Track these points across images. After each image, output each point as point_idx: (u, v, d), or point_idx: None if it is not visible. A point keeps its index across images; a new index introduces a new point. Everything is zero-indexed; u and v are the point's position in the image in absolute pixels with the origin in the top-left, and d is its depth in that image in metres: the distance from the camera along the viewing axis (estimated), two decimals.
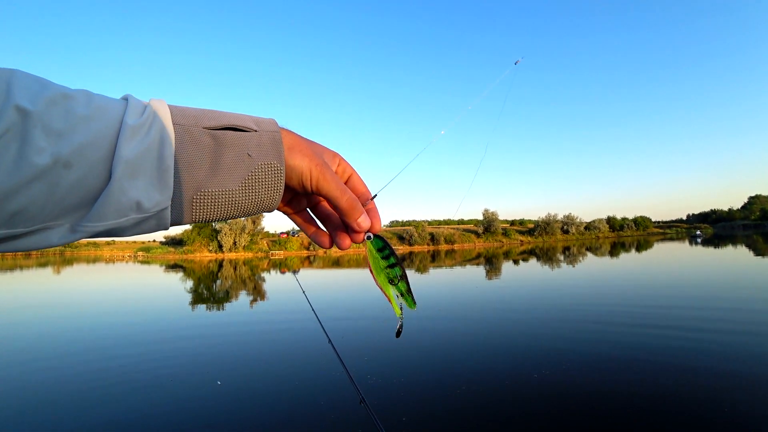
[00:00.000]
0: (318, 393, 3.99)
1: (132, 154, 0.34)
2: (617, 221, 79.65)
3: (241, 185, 0.41)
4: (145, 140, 0.35)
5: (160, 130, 0.37)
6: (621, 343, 5.23)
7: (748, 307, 7.06)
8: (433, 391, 3.98)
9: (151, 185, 0.36)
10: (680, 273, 13.20)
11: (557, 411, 3.46)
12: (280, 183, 0.43)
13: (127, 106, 0.37)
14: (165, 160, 0.36)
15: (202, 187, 0.39)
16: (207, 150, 0.39)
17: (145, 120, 0.36)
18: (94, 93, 0.37)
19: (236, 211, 0.42)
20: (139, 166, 0.35)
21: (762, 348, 4.76)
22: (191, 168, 0.38)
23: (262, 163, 0.41)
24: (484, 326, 6.62)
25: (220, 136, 0.40)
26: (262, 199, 0.43)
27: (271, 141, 0.43)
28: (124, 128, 0.35)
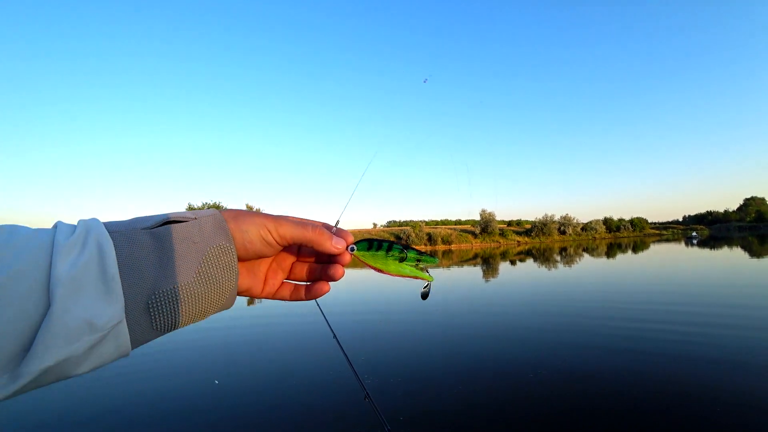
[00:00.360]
0: (322, 388, 4.01)
1: (71, 270, 0.32)
2: (614, 222, 79.82)
3: (196, 274, 0.39)
4: (82, 253, 0.33)
5: (96, 240, 0.35)
6: (618, 342, 5.27)
7: (742, 306, 7.11)
8: (437, 387, 4.01)
9: (98, 299, 0.33)
10: (675, 273, 13.27)
11: (555, 408, 3.48)
12: (233, 262, 0.42)
13: (57, 229, 0.35)
14: (108, 268, 0.34)
15: (156, 288, 0.37)
16: (151, 249, 0.38)
17: (78, 236, 0.34)
18: (17, 225, 0.34)
19: (197, 305, 0.40)
20: (81, 281, 0.32)
21: (754, 343, 4.80)
22: (139, 271, 0.36)
23: (211, 246, 0.40)
24: (484, 325, 6.65)
25: (161, 232, 0.39)
26: (221, 283, 0.41)
27: (213, 223, 0.42)
28: (56, 247, 0.33)
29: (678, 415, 3.23)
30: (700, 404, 3.39)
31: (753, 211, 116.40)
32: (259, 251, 0.44)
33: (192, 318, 0.40)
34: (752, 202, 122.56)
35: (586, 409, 3.44)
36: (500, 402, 3.65)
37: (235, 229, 0.43)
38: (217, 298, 0.41)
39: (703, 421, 3.15)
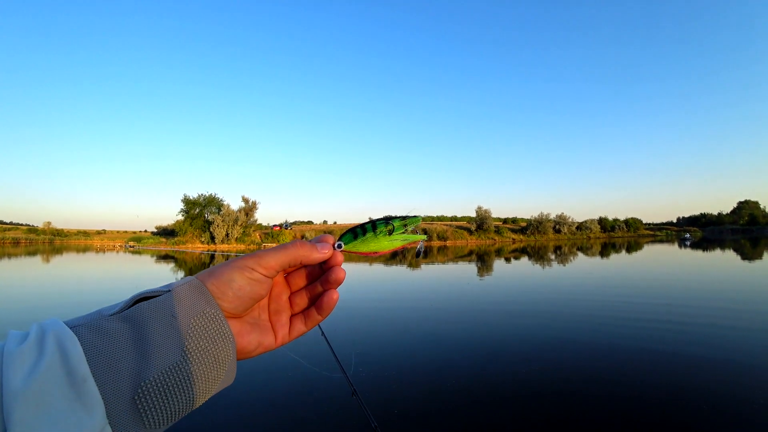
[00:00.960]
0: (309, 385, 4.01)
1: (28, 381, 0.26)
2: (609, 222, 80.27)
3: (183, 352, 0.34)
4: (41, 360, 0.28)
5: (56, 339, 0.29)
6: (608, 338, 5.31)
7: (731, 307, 7.17)
8: (425, 384, 4.01)
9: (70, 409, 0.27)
10: (667, 273, 13.37)
11: (546, 403, 3.50)
12: (224, 328, 0.38)
13: (6, 338, 0.30)
14: (76, 369, 0.28)
15: (140, 379, 0.31)
16: (125, 335, 0.32)
17: (32, 339, 0.29)
18: None
19: (193, 387, 0.34)
20: (44, 392, 0.27)
21: (744, 342, 4.84)
22: (114, 364, 0.30)
23: (193, 318, 0.36)
24: (475, 321, 6.67)
25: (132, 313, 0.34)
26: (214, 356, 0.36)
27: (190, 290, 0.38)
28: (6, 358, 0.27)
29: (673, 411, 3.26)
30: (694, 398, 3.42)
31: (746, 215, 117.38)
32: (252, 295, 0.41)
33: (190, 403, 0.35)
34: (746, 205, 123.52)
35: (577, 403, 3.46)
36: (490, 397, 3.66)
37: (219, 285, 0.39)
38: (215, 374, 0.37)
39: (697, 415, 3.18)
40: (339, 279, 0.46)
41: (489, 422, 3.25)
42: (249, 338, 0.43)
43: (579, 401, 3.55)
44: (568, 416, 3.31)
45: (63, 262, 24.31)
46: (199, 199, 51.32)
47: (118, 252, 38.32)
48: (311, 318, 0.48)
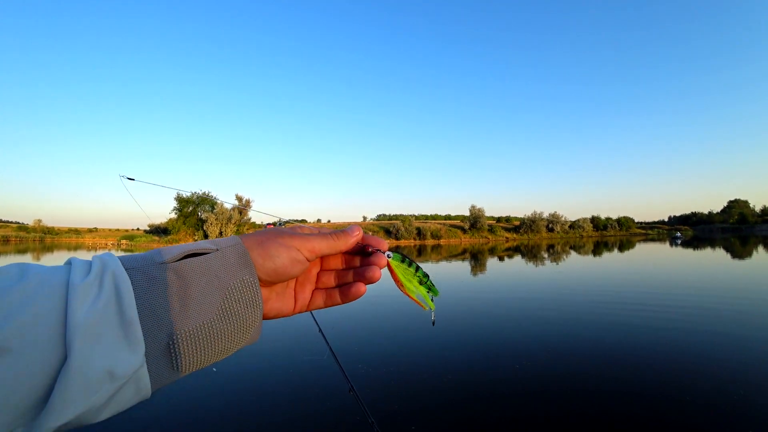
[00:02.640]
0: (307, 381, 4.01)
1: (88, 316, 0.29)
2: (601, 221, 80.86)
3: (218, 312, 0.37)
4: (99, 297, 0.31)
5: (113, 280, 0.32)
6: (604, 334, 5.36)
7: (721, 303, 7.27)
8: (423, 380, 4.03)
9: (118, 346, 0.30)
10: (658, 271, 13.50)
11: (542, 398, 3.53)
12: (257, 298, 0.40)
13: (71, 268, 0.33)
14: (127, 312, 0.31)
15: (176, 329, 0.34)
16: (171, 286, 0.35)
17: (94, 275, 0.32)
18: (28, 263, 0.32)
19: (221, 344, 0.38)
20: (100, 328, 0.30)
21: (737, 338, 4.91)
22: (159, 312, 0.34)
23: (234, 281, 0.38)
24: (470, 318, 6.70)
25: (181, 267, 0.36)
26: (244, 320, 0.39)
27: (236, 254, 0.40)
28: (72, 290, 0.30)
29: (669, 408, 3.30)
30: (691, 394, 3.46)
31: (736, 214, 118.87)
32: (290, 274, 0.43)
33: (215, 357, 0.38)
34: (736, 204, 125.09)
35: (575, 399, 3.48)
36: (487, 393, 3.68)
37: (263, 257, 0.41)
38: (241, 335, 0.39)
39: (694, 412, 3.22)
40: (374, 278, 0.49)
41: (486, 418, 3.27)
42: (271, 305, 0.45)
43: (577, 397, 3.58)
44: (566, 412, 3.34)
45: (54, 261, 23.98)
46: (192, 198, 50.98)
47: (110, 250, 37.98)
48: (332, 298, 0.49)
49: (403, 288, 0.52)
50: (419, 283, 0.54)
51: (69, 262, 0.34)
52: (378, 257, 0.49)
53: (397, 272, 0.52)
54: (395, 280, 0.53)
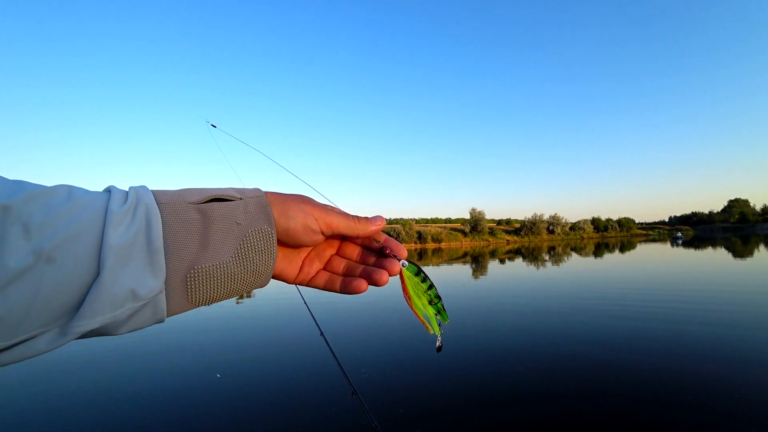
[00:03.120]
0: (309, 385, 4.00)
1: (121, 240, 0.33)
2: (602, 222, 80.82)
3: (234, 255, 0.40)
4: (132, 225, 0.34)
5: (145, 212, 0.36)
6: (604, 335, 5.35)
7: (726, 303, 7.25)
8: (426, 383, 4.02)
9: (143, 270, 0.34)
10: (661, 272, 13.48)
11: (546, 401, 3.51)
12: (272, 247, 0.42)
13: (110, 195, 0.36)
14: (154, 242, 0.35)
15: (195, 264, 0.38)
16: (195, 225, 0.38)
17: (129, 205, 0.35)
18: (75, 186, 0.35)
19: (232, 284, 0.40)
20: (129, 252, 0.33)
21: (740, 339, 4.90)
22: (181, 246, 0.37)
23: (252, 229, 0.41)
24: (473, 321, 6.68)
25: (206, 209, 0.39)
26: (257, 266, 0.41)
27: (257, 206, 0.42)
28: (109, 216, 0.33)
29: (667, 408, 3.28)
30: (691, 395, 3.44)
31: (737, 213, 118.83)
32: (301, 240, 0.45)
33: (226, 295, 0.41)
34: (736, 203, 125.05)
35: (576, 402, 3.46)
36: (491, 397, 3.66)
37: (280, 214, 0.43)
38: (253, 279, 0.42)
39: (697, 412, 3.20)
40: (380, 281, 0.48)
41: (491, 422, 3.25)
42: (277, 264, 0.46)
43: (581, 399, 3.56)
44: (571, 415, 3.33)
45: None
46: None
47: None
48: (332, 284, 0.50)
49: (411, 302, 0.51)
50: (429, 302, 0.52)
51: (108, 190, 0.37)
52: (391, 262, 0.49)
53: (408, 284, 0.51)
54: (404, 292, 0.52)
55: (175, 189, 0.41)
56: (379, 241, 0.50)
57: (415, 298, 0.51)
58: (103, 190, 0.38)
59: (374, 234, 0.49)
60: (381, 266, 0.49)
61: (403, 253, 0.50)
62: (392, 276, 0.49)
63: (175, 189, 0.41)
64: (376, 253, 0.51)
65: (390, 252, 0.50)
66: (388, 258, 0.50)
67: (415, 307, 0.51)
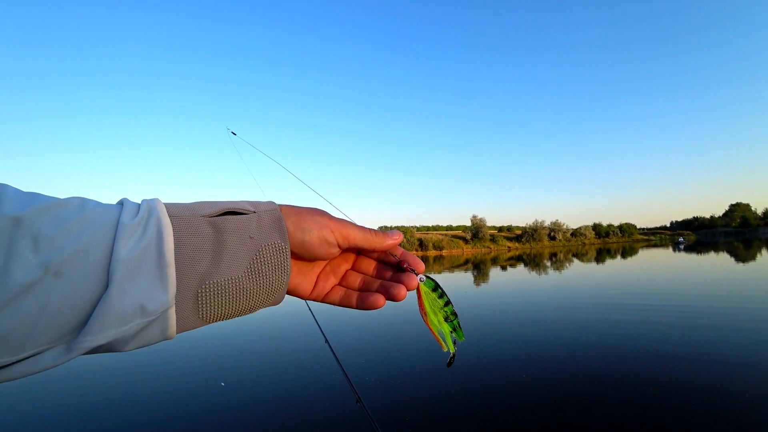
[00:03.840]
0: (314, 393, 3.97)
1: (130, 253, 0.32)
2: (603, 228, 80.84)
3: (247, 270, 0.39)
4: (143, 238, 0.33)
5: (157, 224, 0.35)
6: (609, 341, 5.31)
7: (732, 308, 7.22)
8: (430, 391, 3.98)
9: (153, 284, 0.33)
10: (664, 277, 13.44)
11: (550, 408, 3.49)
12: (285, 262, 0.41)
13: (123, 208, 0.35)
14: (165, 255, 0.34)
15: (207, 278, 0.37)
16: (207, 238, 0.37)
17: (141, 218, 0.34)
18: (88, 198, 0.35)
19: (245, 300, 0.39)
20: (139, 266, 0.33)
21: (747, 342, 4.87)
22: (193, 260, 0.36)
23: (265, 244, 0.40)
24: (477, 328, 6.65)
25: (220, 222, 0.38)
26: (271, 282, 0.40)
27: (271, 220, 0.41)
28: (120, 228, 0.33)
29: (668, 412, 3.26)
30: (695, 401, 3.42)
31: (738, 217, 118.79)
32: (317, 253, 0.44)
33: (238, 312, 0.40)
34: (737, 208, 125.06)
35: (580, 409, 3.44)
36: (497, 405, 3.63)
37: (295, 227, 0.42)
38: (266, 296, 0.41)
39: (699, 418, 3.18)
40: (399, 296, 0.47)
41: (497, 430, 3.24)
42: (291, 278, 0.46)
43: (586, 407, 3.53)
44: (577, 422, 3.30)
45: None
46: None
47: None
48: (348, 299, 0.49)
49: (426, 318, 0.51)
50: (444, 319, 0.52)
51: (121, 203, 0.36)
52: (409, 277, 0.48)
53: (424, 300, 0.51)
54: (420, 307, 0.51)
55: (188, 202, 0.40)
56: (395, 255, 0.49)
57: (431, 314, 0.51)
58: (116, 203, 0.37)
59: (391, 248, 0.49)
60: (398, 281, 0.48)
61: (420, 267, 0.50)
62: (410, 290, 0.49)
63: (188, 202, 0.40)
64: (392, 268, 0.50)
65: (408, 266, 0.49)
66: (405, 272, 0.49)
67: (430, 323, 0.51)
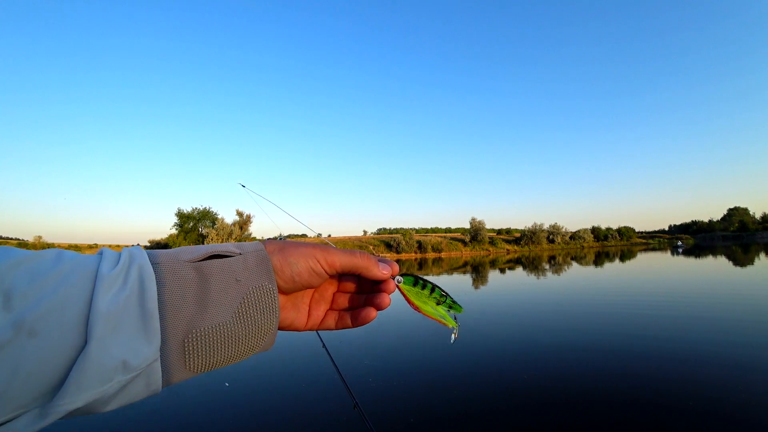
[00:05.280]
0: (312, 397, 3.99)
1: (111, 306, 0.30)
2: (602, 231, 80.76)
3: (234, 315, 0.38)
4: (124, 288, 0.32)
5: (138, 273, 0.33)
6: (606, 343, 5.35)
7: (725, 310, 7.25)
8: (427, 395, 4.02)
9: (135, 337, 0.31)
10: (663, 281, 13.47)
11: (548, 411, 3.51)
12: (274, 304, 0.40)
13: (102, 258, 0.34)
14: (148, 304, 0.32)
15: (193, 326, 0.35)
16: (192, 284, 0.36)
17: (121, 267, 0.33)
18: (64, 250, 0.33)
19: (234, 347, 0.38)
20: (121, 318, 0.31)
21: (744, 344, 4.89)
22: (177, 308, 0.34)
23: (252, 286, 0.39)
24: (476, 331, 6.67)
25: (204, 266, 0.37)
26: (260, 326, 0.39)
27: (257, 261, 0.40)
28: (99, 279, 0.31)
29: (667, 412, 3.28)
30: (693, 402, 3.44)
31: (736, 221, 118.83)
32: (307, 282, 0.44)
33: (228, 359, 0.38)
34: (736, 212, 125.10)
35: (577, 410, 3.47)
36: (495, 408, 3.66)
37: (282, 263, 0.42)
38: (256, 341, 0.40)
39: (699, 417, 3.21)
40: (383, 305, 0.49)
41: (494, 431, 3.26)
42: (285, 314, 0.46)
43: (583, 408, 3.57)
44: (575, 421, 3.33)
45: None
46: (193, 213, 51.12)
47: None
48: (343, 321, 0.50)
49: (420, 310, 0.52)
50: (437, 304, 0.53)
51: (101, 253, 0.35)
52: (386, 284, 0.49)
53: (410, 296, 0.52)
54: (410, 304, 0.52)
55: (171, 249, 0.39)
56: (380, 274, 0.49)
57: (423, 306, 0.52)
58: (96, 254, 0.35)
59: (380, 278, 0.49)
60: (378, 290, 0.49)
61: (395, 270, 0.51)
62: (391, 293, 0.50)
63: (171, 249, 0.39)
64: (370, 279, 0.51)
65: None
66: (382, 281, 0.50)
67: (425, 312, 0.52)
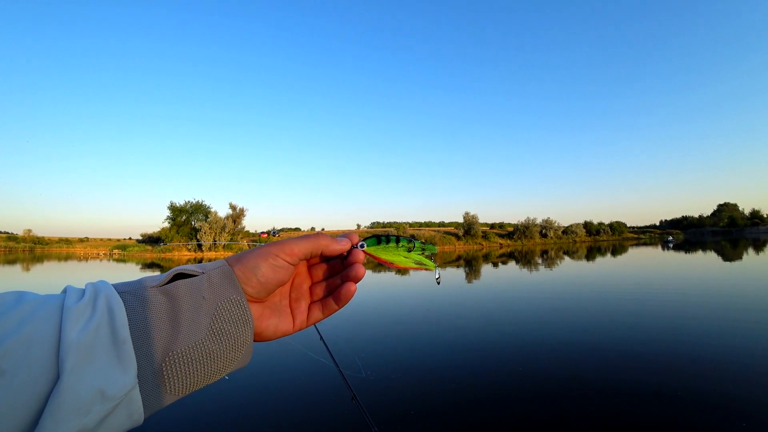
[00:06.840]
0: (309, 390, 4.00)
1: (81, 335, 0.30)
2: (594, 226, 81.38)
3: (208, 332, 0.38)
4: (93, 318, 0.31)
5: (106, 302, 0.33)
6: (600, 336, 5.39)
7: (713, 303, 7.35)
8: (425, 387, 4.04)
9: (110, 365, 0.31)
10: (652, 274, 13.60)
11: (545, 404, 3.54)
12: (246, 315, 0.41)
13: (66, 293, 0.34)
14: (119, 331, 0.32)
15: (170, 349, 0.35)
16: (162, 307, 0.36)
17: (87, 299, 0.33)
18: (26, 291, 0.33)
19: (212, 364, 0.38)
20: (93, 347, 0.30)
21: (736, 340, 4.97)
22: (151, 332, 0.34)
23: (220, 301, 0.39)
24: (471, 323, 6.71)
25: (171, 288, 0.37)
26: (235, 339, 0.40)
27: (221, 275, 0.41)
28: (66, 311, 0.31)
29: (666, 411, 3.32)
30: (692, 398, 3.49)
31: (726, 217, 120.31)
32: (275, 280, 0.44)
33: (208, 378, 0.38)
34: (725, 207, 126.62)
35: (574, 401, 3.50)
36: (493, 401, 3.68)
37: (244, 271, 0.42)
38: (233, 355, 0.40)
39: (691, 407, 3.25)
40: (359, 275, 0.49)
41: (491, 425, 3.28)
42: (268, 322, 0.46)
43: (579, 398, 3.60)
44: (569, 413, 3.37)
45: (44, 271, 23.72)
46: (185, 206, 50.71)
47: (102, 260, 37.57)
48: (328, 307, 0.50)
49: (395, 265, 0.52)
50: (408, 252, 0.53)
51: (65, 290, 0.35)
52: (353, 254, 0.50)
53: (379, 255, 0.52)
54: (383, 262, 0.52)
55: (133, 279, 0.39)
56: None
57: (395, 259, 0.52)
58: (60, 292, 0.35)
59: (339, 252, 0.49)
60: (350, 263, 0.50)
61: (355, 239, 0.51)
62: (362, 262, 0.50)
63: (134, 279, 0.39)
64: (339, 258, 0.51)
65: None
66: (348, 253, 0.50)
67: (402, 264, 0.52)
